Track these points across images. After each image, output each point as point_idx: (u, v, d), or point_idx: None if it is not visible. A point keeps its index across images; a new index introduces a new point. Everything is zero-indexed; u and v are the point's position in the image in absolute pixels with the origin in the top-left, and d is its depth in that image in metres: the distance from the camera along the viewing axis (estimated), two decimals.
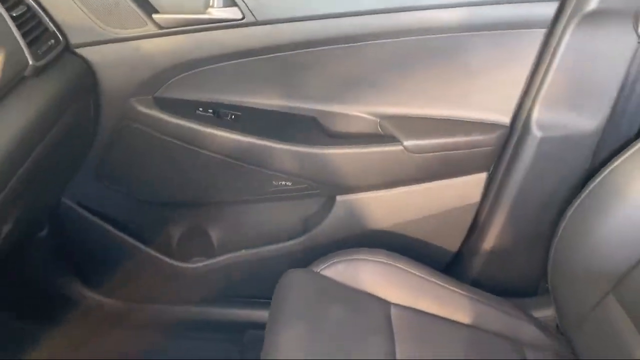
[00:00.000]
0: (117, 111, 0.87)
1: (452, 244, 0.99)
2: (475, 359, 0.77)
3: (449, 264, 1.02)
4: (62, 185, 0.92)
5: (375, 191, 0.94)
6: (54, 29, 0.79)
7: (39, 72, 0.73)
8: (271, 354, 0.71)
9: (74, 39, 0.80)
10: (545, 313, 0.92)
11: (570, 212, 0.80)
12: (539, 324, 0.87)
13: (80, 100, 0.82)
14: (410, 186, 0.93)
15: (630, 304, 0.71)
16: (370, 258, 0.86)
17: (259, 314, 1.08)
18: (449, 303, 0.84)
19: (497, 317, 0.85)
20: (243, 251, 1.02)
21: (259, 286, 1.03)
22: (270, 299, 0.82)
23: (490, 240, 0.94)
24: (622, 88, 0.77)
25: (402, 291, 0.84)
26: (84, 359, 1.09)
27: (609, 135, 0.80)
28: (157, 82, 0.86)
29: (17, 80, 0.70)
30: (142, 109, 0.87)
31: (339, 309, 0.78)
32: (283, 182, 0.93)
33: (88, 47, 0.81)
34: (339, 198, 0.95)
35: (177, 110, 0.87)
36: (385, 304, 0.82)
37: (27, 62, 0.70)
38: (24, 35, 0.71)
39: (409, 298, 0.83)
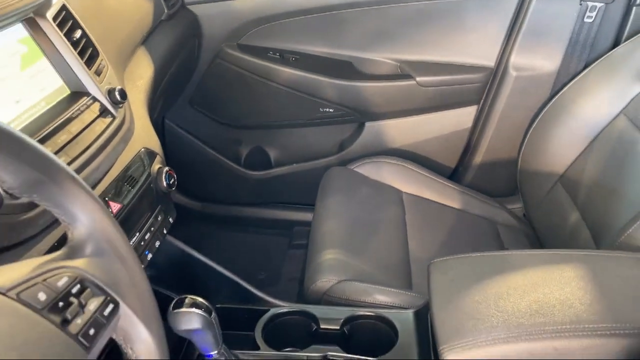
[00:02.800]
0: (212, 52, 1.22)
1: (451, 160, 1.31)
2: (461, 228, 1.10)
3: (448, 177, 1.34)
4: (172, 103, 1.27)
5: (395, 119, 1.27)
6: None
7: (170, 18, 1.08)
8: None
9: None
10: (516, 206, 1.24)
11: (532, 127, 1.12)
12: (510, 211, 1.19)
13: (190, 42, 1.17)
14: (420, 115, 1.26)
15: (571, 187, 1.03)
16: (389, 161, 1.19)
17: (303, 215, 1.41)
18: (445, 194, 1.17)
19: (480, 205, 1.17)
20: (294, 165, 1.37)
21: (304, 193, 1.36)
22: (312, 203, 1.13)
23: (478, 157, 1.26)
24: (571, 38, 1.08)
25: (411, 184, 1.17)
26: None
27: (563, 73, 1.11)
28: (241, 32, 1.21)
29: (158, 22, 1.05)
30: (230, 51, 1.21)
31: (366, 189, 1.12)
32: (327, 109, 1.26)
33: (197, 5, 1.16)
34: (367, 124, 1.29)
35: (254, 53, 1.22)
36: (399, 191, 1.15)
37: (164, 10, 1.06)
38: None
39: (416, 189, 1.16)
